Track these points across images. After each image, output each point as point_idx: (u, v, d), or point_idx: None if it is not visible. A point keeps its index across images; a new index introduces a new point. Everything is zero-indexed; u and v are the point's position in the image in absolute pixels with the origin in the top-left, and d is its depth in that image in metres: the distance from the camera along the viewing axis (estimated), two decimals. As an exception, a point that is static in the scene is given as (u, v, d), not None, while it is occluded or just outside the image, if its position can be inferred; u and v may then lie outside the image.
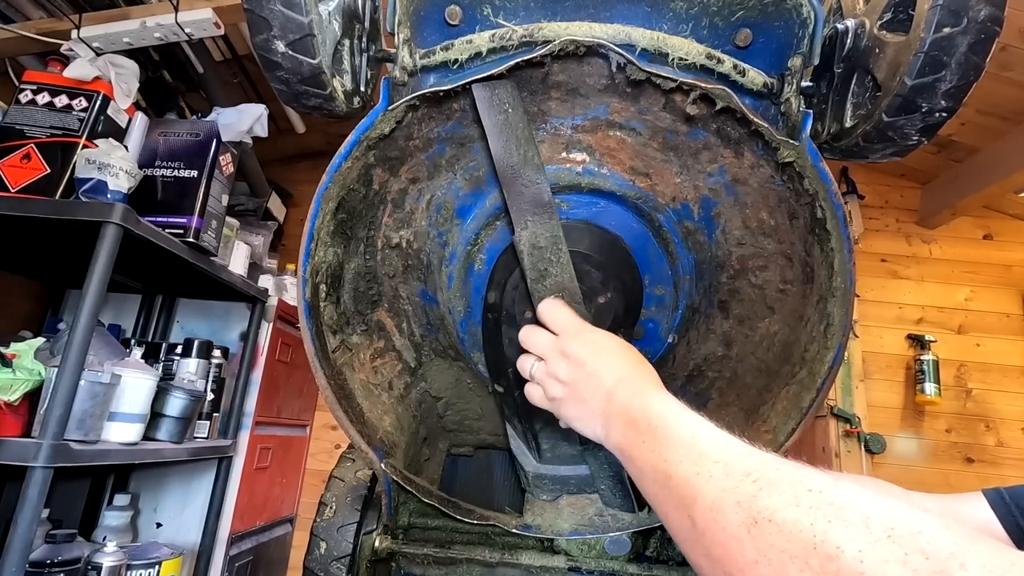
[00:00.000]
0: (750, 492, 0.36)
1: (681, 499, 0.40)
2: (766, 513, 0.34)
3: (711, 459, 0.40)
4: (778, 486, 0.35)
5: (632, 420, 0.51)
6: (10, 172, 1.44)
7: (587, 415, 0.60)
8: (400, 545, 0.98)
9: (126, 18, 1.71)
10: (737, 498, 0.36)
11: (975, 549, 0.27)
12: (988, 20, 0.57)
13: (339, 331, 0.90)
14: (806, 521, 0.32)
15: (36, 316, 2.10)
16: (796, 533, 0.31)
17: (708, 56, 0.68)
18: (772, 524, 0.33)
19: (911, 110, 0.63)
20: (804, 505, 0.33)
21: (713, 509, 0.37)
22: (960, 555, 0.26)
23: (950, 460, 2.76)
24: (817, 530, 0.31)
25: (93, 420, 1.31)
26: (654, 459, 0.45)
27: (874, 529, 0.29)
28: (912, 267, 3.01)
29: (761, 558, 0.32)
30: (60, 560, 1.34)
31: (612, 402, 0.56)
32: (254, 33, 0.65)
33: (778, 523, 0.33)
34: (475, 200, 0.91)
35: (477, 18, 0.71)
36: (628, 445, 0.51)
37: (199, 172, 1.64)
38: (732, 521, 0.35)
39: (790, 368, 0.84)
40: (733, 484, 0.37)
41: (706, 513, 0.37)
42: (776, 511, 0.33)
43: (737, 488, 0.36)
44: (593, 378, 0.60)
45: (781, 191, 0.77)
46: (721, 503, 0.36)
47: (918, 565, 0.27)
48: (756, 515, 0.34)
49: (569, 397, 0.63)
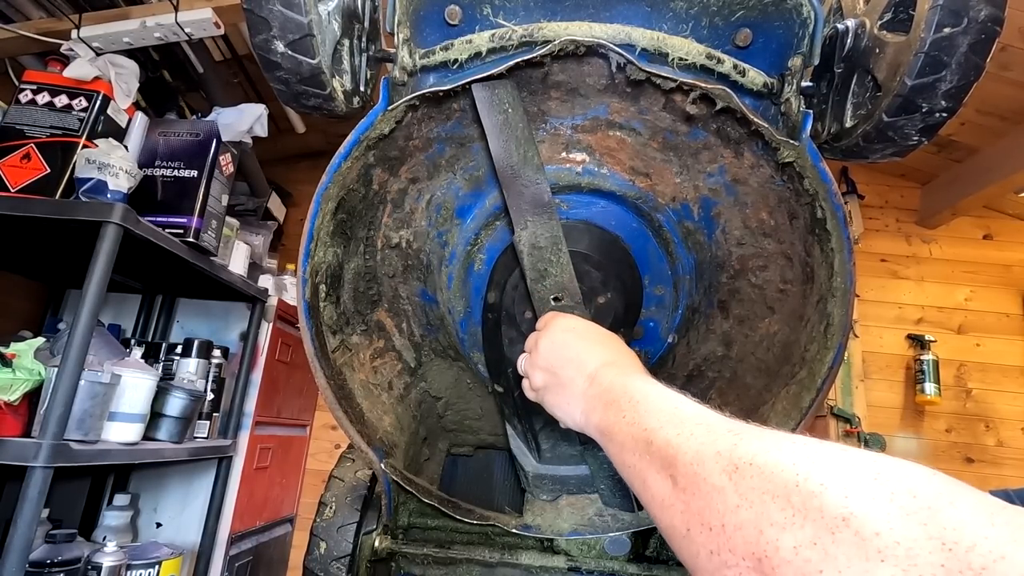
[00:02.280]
0: (731, 442, 0.35)
1: (662, 460, 0.40)
2: (747, 457, 0.33)
3: (693, 422, 0.40)
4: (761, 436, 0.35)
5: (613, 400, 0.51)
6: (10, 172, 1.44)
7: (567, 400, 0.60)
8: (400, 545, 0.98)
9: (126, 18, 1.71)
10: (718, 448, 0.35)
11: (963, 491, 0.26)
12: (988, 20, 0.57)
13: (339, 331, 0.90)
14: (787, 461, 0.31)
15: (36, 316, 2.10)
16: (778, 472, 0.31)
17: (708, 56, 0.68)
18: (753, 467, 0.32)
19: (911, 110, 0.63)
20: (786, 449, 0.32)
21: (694, 463, 0.36)
22: (948, 494, 0.26)
23: (950, 460, 2.76)
24: (800, 468, 0.30)
25: (93, 420, 1.31)
26: (634, 430, 0.45)
27: (858, 471, 0.28)
28: (912, 267, 3.01)
29: (743, 501, 0.31)
30: (60, 560, 1.34)
31: (593, 384, 0.57)
32: (254, 33, 0.65)
33: (759, 465, 0.32)
34: (475, 200, 0.91)
35: (477, 18, 0.71)
36: (608, 424, 0.50)
37: (199, 172, 1.64)
38: (713, 470, 0.34)
39: (790, 368, 0.84)
40: (714, 438, 0.37)
41: (687, 468, 0.37)
42: (757, 454, 0.33)
43: (717, 440, 0.36)
44: (573, 363, 0.60)
45: (781, 191, 0.77)
46: (702, 455, 0.36)
47: (905, 503, 0.26)
48: (737, 460, 0.33)
49: (551, 384, 0.63)
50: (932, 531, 0.24)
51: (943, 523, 0.24)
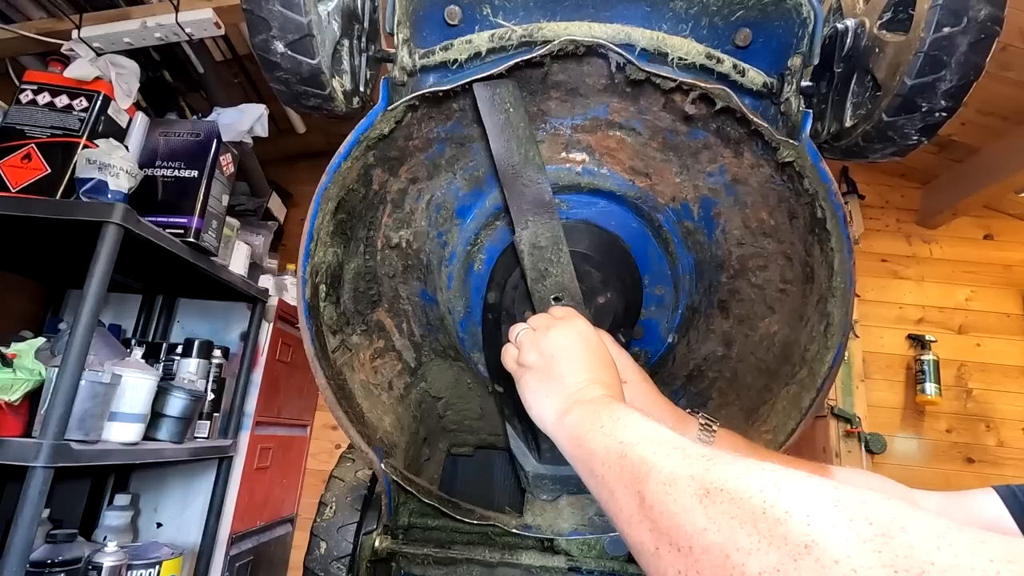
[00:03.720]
0: (704, 467, 0.36)
1: (633, 475, 0.41)
2: (718, 483, 0.34)
3: (670, 445, 0.41)
4: (733, 463, 0.36)
5: (595, 409, 0.52)
6: (11, 172, 1.44)
7: (547, 391, 0.61)
8: (400, 545, 0.98)
9: (126, 18, 1.71)
10: (691, 472, 0.37)
11: (915, 515, 0.28)
12: (988, 20, 0.57)
13: (339, 331, 0.90)
14: (756, 488, 0.33)
15: (36, 316, 2.10)
16: (746, 499, 0.32)
17: (708, 56, 0.68)
18: (723, 492, 0.34)
19: (911, 110, 0.63)
20: (756, 477, 0.34)
21: (666, 483, 0.37)
22: (900, 520, 0.28)
23: (950, 460, 2.76)
24: (767, 496, 0.32)
25: (93, 420, 1.31)
26: (608, 440, 0.46)
27: (821, 499, 0.30)
28: (912, 267, 3.00)
29: (711, 525, 0.33)
30: (60, 560, 1.34)
31: (581, 391, 0.58)
32: (253, 33, 0.65)
33: (729, 491, 0.33)
34: (475, 200, 0.91)
35: (476, 18, 0.71)
36: (584, 428, 0.51)
37: (199, 172, 1.64)
38: (684, 492, 0.36)
39: (790, 368, 0.84)
40: (689, 462, 0.38)
41: (658, 487, 0.38)
42: (728, 480, 0.34)
43: (692, 464, 0.37)
44: (573, 364, 0.61)
45: (781, 191, 0.77)
46: (674, 477, 0.37)
47: (862, 529, 0.28)
48: (709, 485, 0.35)
49: (539, 369, 0.63)
50: (886, 558, 0.26)
51: (895, 550, 0.26)
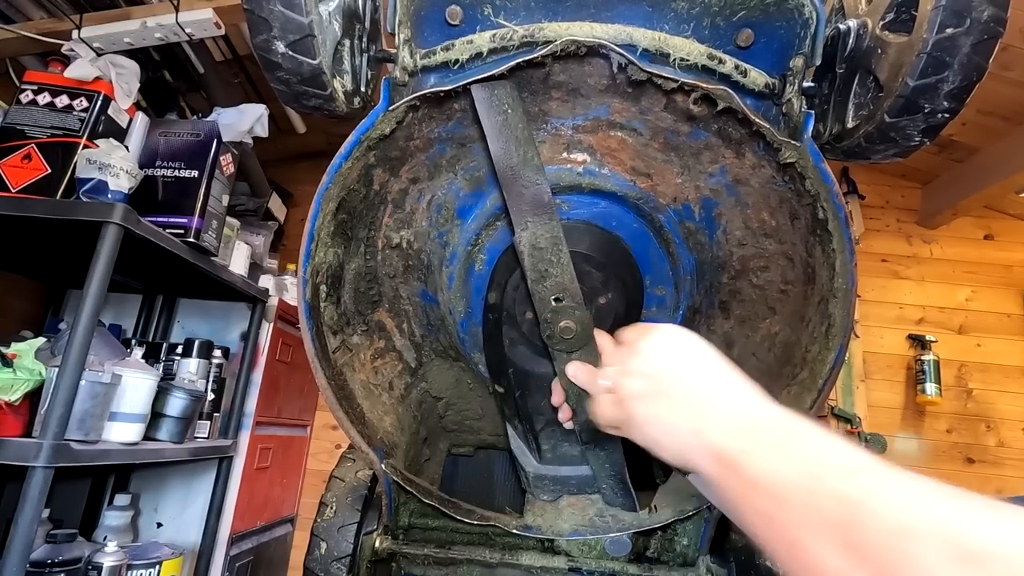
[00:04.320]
0: (954, 516, 0.30)
1: (839, 518, 0.33)
2: (986, 544, 0.28)
3: (883, 476, 0.34)
4: (992, 511, 0.30)
5: (752, 424, 0.43)
6: (11, 172, 1.44)
7: (672, 411, 0.50)
8: (400, 545, 0.98)
9: (127, 18, 1.71)
10: (938, 522, 0.30)
11: None
12: (991, 20, 0.56)
13: (339, 331, 0.90)
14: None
15: (36, 316, 2.10)
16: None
17: (710, 56, 0.68)
18: (996, 558, 0.27)
19: (913, 111, 0.63)
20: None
21: (899, 534, 0.30)
22: None
23: (951, 460, 2.75)
24: None
25: (94, 420, 1.31)
26: (786, 468, 0.37)
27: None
28: (913, 267, 3.00)
29: None
30: (61, 560, 1.34)
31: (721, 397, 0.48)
32: (254, 34, 0.65)
33: (1003, 556, 0.28)
34: (476, 200, 0.91)
35: (478, 18, 0.71)
36: (740, 449, 0.41)
37: (200, 172, 1.64)
38: (934, 554, 0.29)
39: (791, 369, 0.84)
40: (925, 504, 0.31)
41: (885, 540, 0.31)
42: (997, 541, 0.28)
43: (931, 509, 0.31)
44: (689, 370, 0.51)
45: (783, 192, 0.77)
46: (912, 528, 0.30)
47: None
48: (971, 546, 0.28)
49: (649, 393, 0.52)
50: None
51: None
